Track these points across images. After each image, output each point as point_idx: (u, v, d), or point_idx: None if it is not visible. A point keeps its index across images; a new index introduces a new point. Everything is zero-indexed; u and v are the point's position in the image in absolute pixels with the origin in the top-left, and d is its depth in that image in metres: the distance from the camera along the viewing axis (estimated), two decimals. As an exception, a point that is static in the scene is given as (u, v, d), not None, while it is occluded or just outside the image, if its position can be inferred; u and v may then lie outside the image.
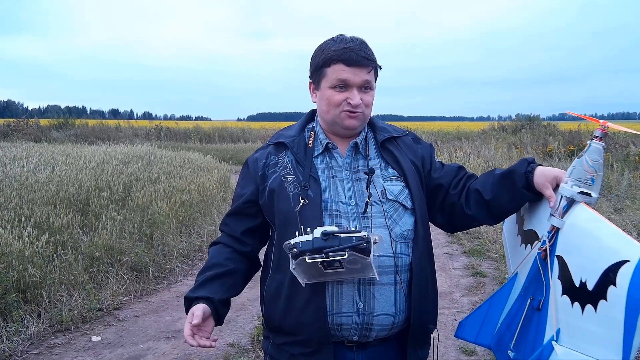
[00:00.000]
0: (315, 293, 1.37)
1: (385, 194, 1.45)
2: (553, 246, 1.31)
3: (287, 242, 1.29)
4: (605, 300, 1.12)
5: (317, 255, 1.25)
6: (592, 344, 1.16)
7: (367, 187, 1.43)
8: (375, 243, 1.27)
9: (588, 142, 1.32)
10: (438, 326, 1.57)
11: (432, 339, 1.57)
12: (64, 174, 6.86)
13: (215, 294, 1.46)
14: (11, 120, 25.62)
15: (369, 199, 1.42)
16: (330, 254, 1.24)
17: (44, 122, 25.56)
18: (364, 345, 1.45)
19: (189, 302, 1.46)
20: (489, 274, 5.29)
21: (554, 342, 1.25)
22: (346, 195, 1.44)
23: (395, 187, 1.47)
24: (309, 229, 1.32)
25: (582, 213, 1.26)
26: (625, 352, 1.09)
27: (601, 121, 1.32)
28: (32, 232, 4.55)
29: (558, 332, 1.25)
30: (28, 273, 4.00)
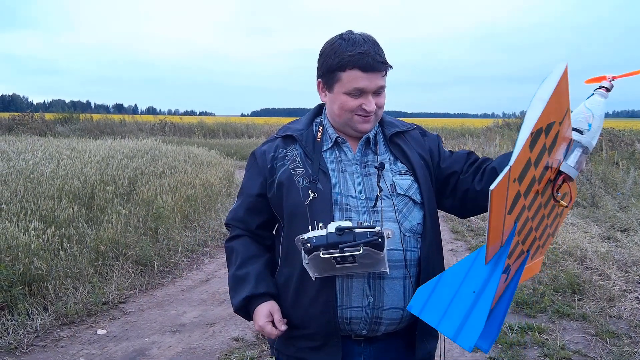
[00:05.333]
0: (325, 286, 1.37)
1: (395, 188, 1.44)
2: None
3: (300, 237, 1.28)
4: None
5: (331, 251, 1.23)
6: None
7: (378, 181, 1.42)
8: (388, 238, 1.26)
9: (592, 91, 1.29)
10: (445, 321, 1.56)
11: (439, 334, 1.57)
12: (69, 168, 6.88)
13: (273, 287, 1.49)
14: (16, 114, 25.74)
15: (379, 193, 1.41)
16: (345, 249, 1.23)
17: (48, 116, 25.67)
18: (372, 340, 1.44)
19: (255, 299, 1.46)
20: (494, 270, 5.27)
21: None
22: (356, 189, 1.43)
23: (405, 182, 1.46)
24: (321, 224, 1.31)
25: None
26: None
27: (608, 75, 1.29)
28: (38, 225, 4.57)
29: None
30: (34, 266, 4.02)
